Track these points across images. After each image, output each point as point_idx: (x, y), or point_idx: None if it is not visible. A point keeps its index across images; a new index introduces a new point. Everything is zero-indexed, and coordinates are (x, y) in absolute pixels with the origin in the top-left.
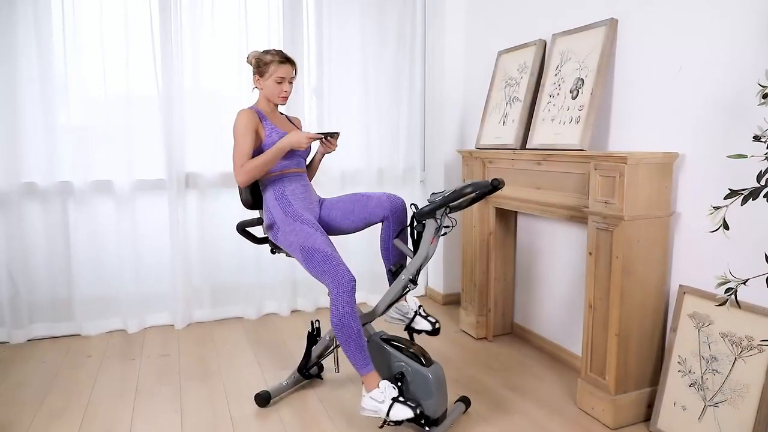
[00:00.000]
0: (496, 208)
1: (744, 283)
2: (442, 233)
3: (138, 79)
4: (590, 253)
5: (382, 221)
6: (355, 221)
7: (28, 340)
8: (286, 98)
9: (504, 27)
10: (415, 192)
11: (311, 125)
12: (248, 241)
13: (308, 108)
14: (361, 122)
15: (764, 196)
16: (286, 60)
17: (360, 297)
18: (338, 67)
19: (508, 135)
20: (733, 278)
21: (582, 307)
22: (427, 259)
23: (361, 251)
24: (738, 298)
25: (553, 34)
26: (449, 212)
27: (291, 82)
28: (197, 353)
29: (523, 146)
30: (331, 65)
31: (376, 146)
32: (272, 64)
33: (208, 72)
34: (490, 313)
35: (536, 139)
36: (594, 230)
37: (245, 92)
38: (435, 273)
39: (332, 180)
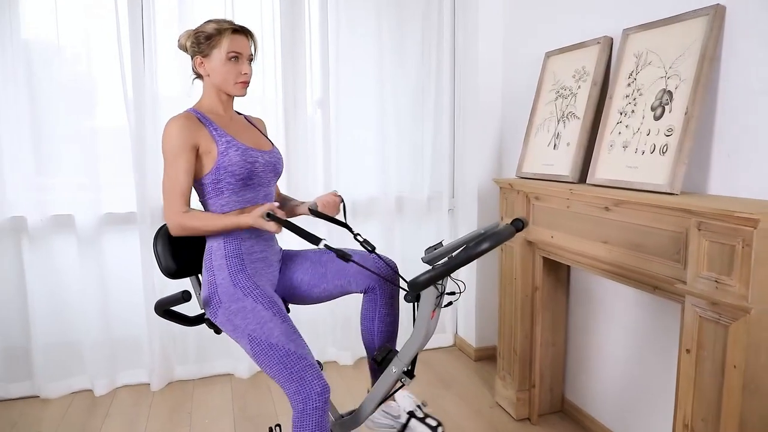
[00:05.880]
0: (545, 257)
1: None
2: (445, 304)
3: (105, 99)
4: (687, 351)
5: (364, 292)
6: (327, 289)
7: None
8: (246, 84)
9: (554, 21)
10: (442, 224)
11: (315, 145)
12: (176, 323)
13: (311, 124)
14: (376, 141)
15: None
16: (239, 29)
17: (329, 354)
18: (348, 74)
19: (562, 163)
20: None
21: (656, 393)
22: (426, 339)
23: None
24: None
25: (624, 30)
26: None
27: (251, 63)
28: (167, 430)
29: (582, 179)
30: (338, 71)
31: (395, 170)
32: (221, 36)
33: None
34: (534, 388)
35: (601, 172)
36: (695, 318)
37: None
38: (466, 320)
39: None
